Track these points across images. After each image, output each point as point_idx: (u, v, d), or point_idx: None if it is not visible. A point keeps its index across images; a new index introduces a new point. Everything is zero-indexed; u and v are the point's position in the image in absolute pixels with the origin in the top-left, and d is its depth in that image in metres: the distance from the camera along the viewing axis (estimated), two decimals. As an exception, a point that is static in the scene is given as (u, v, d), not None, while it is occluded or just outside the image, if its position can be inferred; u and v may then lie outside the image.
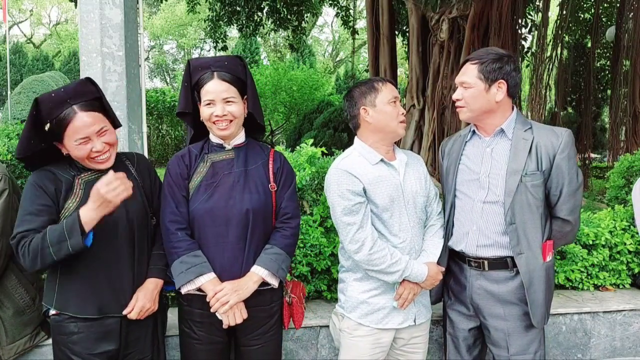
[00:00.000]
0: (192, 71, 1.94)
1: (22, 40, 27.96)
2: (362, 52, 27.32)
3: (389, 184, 2.00)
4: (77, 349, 1.79)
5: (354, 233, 1.94)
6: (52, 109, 1.74)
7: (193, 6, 10.46)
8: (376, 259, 1.93)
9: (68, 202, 1.79)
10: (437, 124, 8.29)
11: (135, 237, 1.89)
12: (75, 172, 1.84)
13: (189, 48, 31.66)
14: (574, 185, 1.96)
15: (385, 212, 1.99)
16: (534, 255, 1.97)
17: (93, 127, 1.77)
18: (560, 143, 1.95)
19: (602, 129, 14.34)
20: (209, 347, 1.95)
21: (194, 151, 2.00)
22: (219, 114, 1.88)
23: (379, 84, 2.03)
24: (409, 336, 2.10)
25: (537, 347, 2.04)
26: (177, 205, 1.91)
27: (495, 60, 1.98)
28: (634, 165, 3.46)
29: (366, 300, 2.03)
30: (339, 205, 1.96)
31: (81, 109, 1.76)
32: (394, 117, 2.00)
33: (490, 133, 2.06)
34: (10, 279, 2.06)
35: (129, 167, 1.98)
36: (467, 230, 2.07)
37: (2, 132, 3.20)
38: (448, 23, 8.01)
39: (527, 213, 1.96)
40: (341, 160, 2.04)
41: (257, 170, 1.97)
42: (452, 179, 2.14)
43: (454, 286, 2.17)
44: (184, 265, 1.84)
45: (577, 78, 12.88)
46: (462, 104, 2.04)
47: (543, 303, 2.00)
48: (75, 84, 1.85)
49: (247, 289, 1.85)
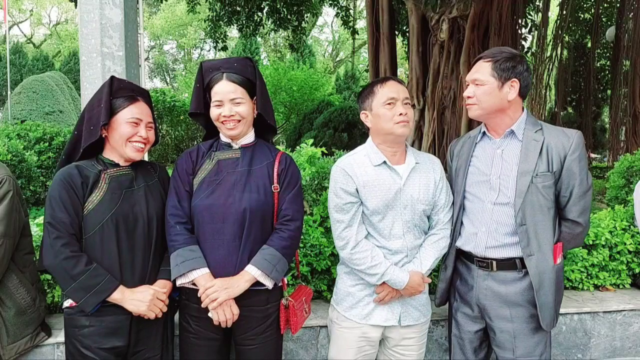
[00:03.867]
0: (204, 73, 2.00)
1: (22, 40, 27.96)
2: (362, 52, 27.33)
3: (384, 189, 2.00)
4: (87, 342, 1.84)
5: (341, 230, 2.01)
6: (120, 89, 1.96)
7: (193, 6, 10.46)
8: (357, 259, 1.98)
9: (92, 195, 1.87)
10: (437, 124, 8.29)
11: (152, 236, 1.95)
12: (102, 168, 1.93)
13: (189, 48, 31.68)
14: (584, 187, 1.94)
15: (375, 215, 2.00)
16: (544, 257, 1.95)
17: (146, 116, 1.97)
18: (571, 144, 1.93)
19: (602, 129, 14.35)
20: (204, 343, 1.96)
21: (203, 148, 2.04)
22: (226, 114, 1.92)
23: (377, 87, 2.03)
24: (399, 337, 2.09)
25: (543, 349, 2.02)
26: (179, 200, 1.95)
27: (509, 59, 1.96)
28: (634, 165, 3.46)
29: (352, 293, 2.08)
30: (332, 201, 2.04)
31: (142, 101, 1.99)
32: (388, 119, 1.98)
33: (501, 134, 2.04)
34: (12, 279, 2.06)
35: (151, 172, 2.08)
36: (475, 231, 2.05)
37: (2, 132, 3.21)
38: (448, 23, 8.01)
39: (538, 214, 1.94)
40: (345, 158, 2.09)
41: (261, 171, 1.98)
42: (462, 180, 2.11)
43: (461, 287, 2.15)
44: (179, 258, 1.87)
45: (577, 78, 12.90)
46: (473, 101, 2.02)
47: (553, 306, 1.98)
48: (141, 88, 2.07)
49: (237, 287, 1.86)
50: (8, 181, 2.00)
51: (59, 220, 1.80)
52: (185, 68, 31.95)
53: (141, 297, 1.86)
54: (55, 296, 2.49)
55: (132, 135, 1.92)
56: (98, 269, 1.81)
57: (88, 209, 1.85)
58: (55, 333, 2.25)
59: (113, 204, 1.87)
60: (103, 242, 1.85)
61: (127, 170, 1.97)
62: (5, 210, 1.97)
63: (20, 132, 4.82)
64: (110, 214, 1.86)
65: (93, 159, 1.96)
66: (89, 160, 1.95)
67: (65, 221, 1.81)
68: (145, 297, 1.86)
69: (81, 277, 1.78)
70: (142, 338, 1.94)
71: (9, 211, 1.98)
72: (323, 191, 2.88)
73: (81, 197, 1.85)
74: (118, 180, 1.92)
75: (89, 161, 1.94)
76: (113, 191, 1.89)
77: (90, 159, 1.95)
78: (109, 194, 1.88)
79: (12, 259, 2.06)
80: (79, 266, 1.79)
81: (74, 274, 1.78)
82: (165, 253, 1.99)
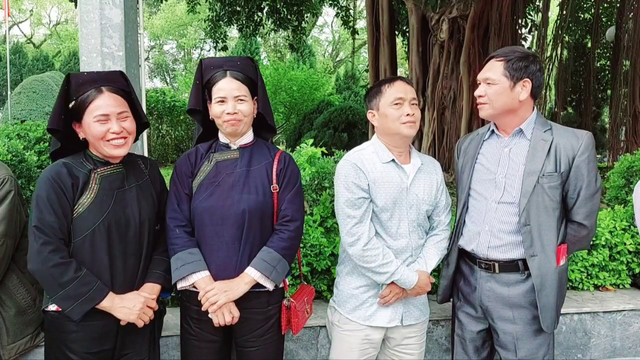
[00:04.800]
0: (204, 70, 1.98)
1: (22, 40, 27.94)
2: (362, 52, 27.31)
3: (393, 186, 2.00)
4: (75, 347, 1.78)
5: (352, 226, 1.97)
6: (81, 85, 1.79)
7: (193, 6, 10.45)
8: (368, 256, 1.95)
9: (83, 197, 1.77)
10: (437, 124, 8.30)
11: (144, 240, 1.89)
12: (92, 167, 1.83)
13: (189, 48, 31.65)
14: (592, 189, 1.92)
15: (385, 213, 2.00)
16: (547, 258, 1.93)
17: (115, 107, 1.79)
18: (581, 145, 1.91)
19: (602, 129, 14.34)
20: (205, 345, 1.95)
21: (201, 150, 2.02)
22: (230, 112, 1.90)
23: (384, 86, 2.03)
24: (400, 337, 2.10)
25: (545, 351, 2.01)
26: (179, 203, 1.94)
27: (522, 58, 1.95)
28: (634, 165, 3.46)
29: (355, 295, 2.06)
30: (343, 196, 1.99)
31: (108, 90, 1.81)
32: (395, 119, 1.99)
33: (509, 133, 2.03)
34: (12, 279, 2.06)
35: (142, 169, 1.99)
36: (478, 230, 2.04)
37: (2, 132, 3.20)
38: (448, 23, 8.01)
39: (542, 215, 1.93)
40: (354, 153, 2.07)
41: (259, 171, 1.97)
42: (467, 177, 2.11)
43: (464, 287, 2.15)
44: (179, 261, 1.86)
45: (577, 78, 12.90)
46: (484, 100, 2.00)
47: (554, 307, 1.97)
48: (108, 72, 1.92)
49: (237, 289, 1.85)
50: (9, 181, 1.99)
51: (47, 224, 1.69)
52: (185, 68, 31.94)
53: (131, 305, 1.79)
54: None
55: (105, 133, 1.78)
56: (87, 276, 1.72)
57: (78, 212, 1.76)
58: (55, 333, 2.25)
59: (105, 207, 1.78)
60: (94, 247, 1.76)
61: (118, 168, 1.87)
62: (6, 210, 1.96)
63: (20, 132, 4.81)
64: (102, 218, 1.77)
65: (81, 155, 1.85)
66: (77, 157, 1.84)
67: (53, 225, 1.70)
68: (135, 305, 1.80)
69: (69, 286, 1.69)
70: (129, 342, 1.88)
71: (10, 211, 1.97)
72: (323, 191, 2.87)
73: (71, 199, 1.75)
74: (109, 179, 1.83)
75: (77, 158, 1.83)
76: (104, 192, 1.80)
77: (78, 154, 1.85)
78: (100, 195, 1.78)
79: (12, 259, 2.06)
80: (68, 274, 1.69)
81: (63, 281, 1.68)
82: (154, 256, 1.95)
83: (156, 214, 1.96)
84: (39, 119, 12.43)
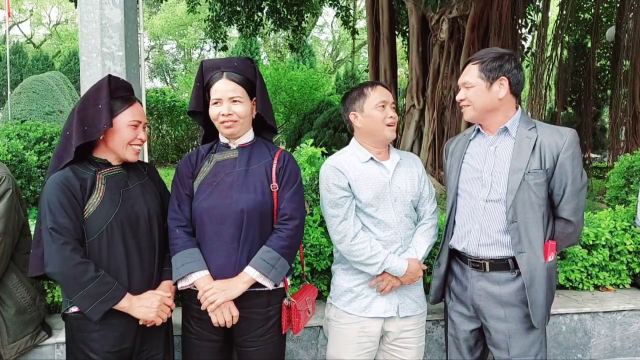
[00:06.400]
0: (204, 72, 1.99)
1: (22, 40, 27.95)
2: (362, 52, 27.34)
3: (375, 182, 2.08)
4: (96, 346, 1.81)
5: (337, 224, 2.05)
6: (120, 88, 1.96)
7: (193, 6, 10.46)
8: (356, 250, 2.03)
9: (92, 198, 1.82)
10: (437, 124, 8.31)
11: (155, 235, 1.94)
12: (96, 169, 1.88)
13: (189, 48, 31.68)
14: (577, 185, 1.94)
15: (370, 207, 2.07)
16: (535, 254, 1.96)
17: (142, 117, 1.96)
18: (565, 142, 1.94)
19: (602, 129, 14.36)
20: (205, 344, 1.96)
21: (202, 151, 2.04)
22: (224, 113, 1.91)
23: (368, 89, 2.12)
24: (397, 330, 2.12)
25: (538, 349, 2.02)
26: (179, 203, 1.96)
27: (496, 58, 1.99)
28: (634, 165, 3.46)
29: (351, 289, 2.11)
30: (326, 197, 2.09)
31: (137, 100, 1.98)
32: (380, 121, 2.08)
33: (494, 131, 2.07)
34: (11, 278, 2.07)
35: (141, 170, 2.06)
36: (468, 229, 2.06)
37: (2, 132, 3.21)
38: (448, 23, 8.02)
39: (529, 211, 1.95)
40: (333, 157, 2.16)
41: (258, 170, 1.97)
42: (455, 177, 2.14)
43: (456, 287, 2.17)
44: (178, 262, 1.88)
45: (577, 78, 12.90)
46: (466, 103, 2.06)
47: (544, 304, 1.99)
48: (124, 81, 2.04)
49: (236, 289, 1.86)
50: (7, 180, 2.00)
51: (62, 225, 1.73)
52: (185, 68, 31.95)
53: (149, 304, 1.84)
54: (55, 296, 2.49)
55: (133, 139, 1.90)
56: (106, 277, 1.76)
57: (89, 212, 1.80)
58: (56, 333, 2.26)
59: (114, 205, 1.83)
60: (109, 245, 1.80)
61: (120, 170, 1.93)
62: (4, 209, 1.97)
63: (20, 132, 4.82)
64: (113, 215, 1.82)
65: (84, 161, 1.88)
66: (80, 163, 1.87)
67: (68, 227, 1.74)
68: (153, 303, 1.84)
69: (90, 285, 1.72)
70: (147, 339, 1.93)
71: (8, 209, 1.98)
72: (323, 191, 2.87)
73: (80, 200, 1.79)
74: (113, 179, 1.89)
75: (81, 163, 1.87)
76: (111, 191, 1.85)
77: (80, 161, 1.87)
78: (108, 194, 1.84)
79: (11, 258, 2.07)
80: (89, 272, 1.73)
81: (84, 280, 1.72)
82: (167, 252, 1.99)
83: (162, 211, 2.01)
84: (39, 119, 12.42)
